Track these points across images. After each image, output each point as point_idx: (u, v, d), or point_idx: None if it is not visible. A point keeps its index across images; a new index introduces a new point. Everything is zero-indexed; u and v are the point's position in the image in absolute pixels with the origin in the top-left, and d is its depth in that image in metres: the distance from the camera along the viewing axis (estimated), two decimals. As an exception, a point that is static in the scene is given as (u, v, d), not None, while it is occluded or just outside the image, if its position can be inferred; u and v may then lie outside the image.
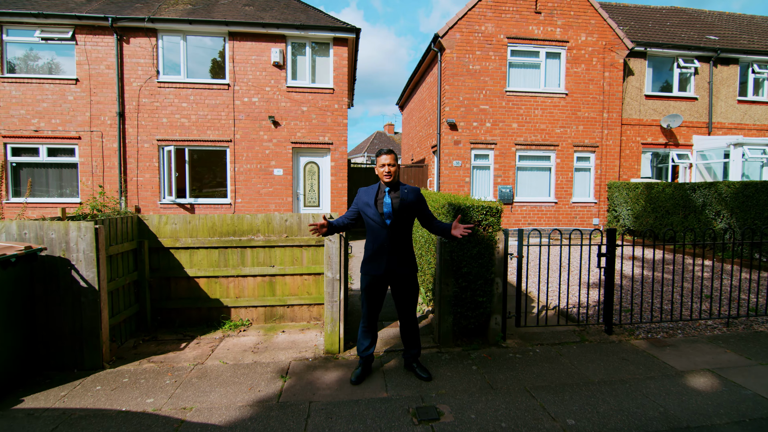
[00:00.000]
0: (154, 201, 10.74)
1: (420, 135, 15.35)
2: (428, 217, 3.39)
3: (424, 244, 5.15)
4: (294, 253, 4.86)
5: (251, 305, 4.84)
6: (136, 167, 10.66)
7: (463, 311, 4.01)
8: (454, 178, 11.48)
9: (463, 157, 11.50)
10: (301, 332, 4.60)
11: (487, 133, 11.57)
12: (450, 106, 11.37)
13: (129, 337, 4.47)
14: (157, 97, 10.62)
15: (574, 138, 11.97)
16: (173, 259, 4.74)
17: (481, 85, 11.47)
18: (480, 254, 3.97)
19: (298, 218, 4.84)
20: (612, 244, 4.29)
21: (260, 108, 10.87)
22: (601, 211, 12.21)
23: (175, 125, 10.68)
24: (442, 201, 4.37)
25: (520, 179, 11.91)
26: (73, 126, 10.49)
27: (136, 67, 10.55)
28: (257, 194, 10.96)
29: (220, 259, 4.79)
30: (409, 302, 3.43)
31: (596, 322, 4.66)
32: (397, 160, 3.34)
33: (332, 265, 3.86)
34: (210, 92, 10.74)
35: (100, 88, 10.49)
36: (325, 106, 11.06)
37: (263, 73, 10.82)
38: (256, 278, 4.85)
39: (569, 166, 11.99)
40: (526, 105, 11.70)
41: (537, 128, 11.79)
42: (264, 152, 10.94)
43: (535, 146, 11.79)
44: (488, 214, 3.97)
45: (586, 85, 11.95)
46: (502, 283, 4.09)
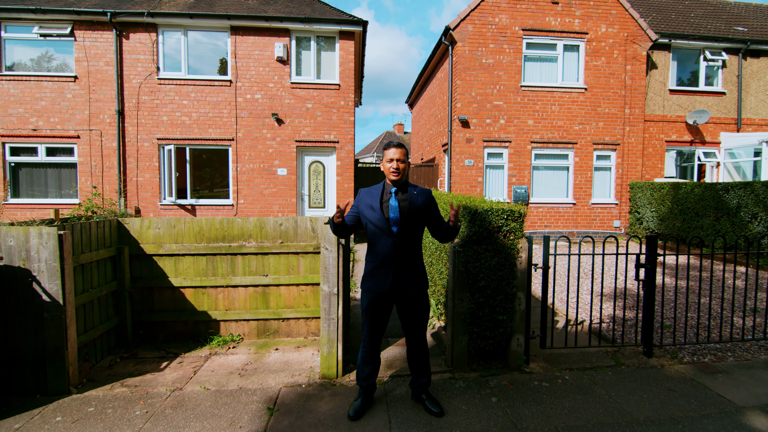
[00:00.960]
0: (154, 202, 10.38)
1: (430, 133, 14.80)
2: (438, 224, 2.89)
3: (435, 251, 4.62)
4: (290, 261, 4.38)
5: (242, 318, 4.37)
6: (135, 167, 10.31)
7: (480, 331, 3.48)
8: (466, 178, 10.91)
9: (475, 156, 10.92)
10: (296, 350, 4.10)
11: (501, 130, 10.98)
12: (462, 102, 10.81)
13: (106, 353, 4.02)
14: (157, 95, 10.25)
15: (593, 135, 11.30)
16: (157, 268, 4.29)
17: (494, 79, 10.88)
18: (500, 265, 3.43)
19: (294, 222, 4.35)
20: (653, 254, 3.72)
21: (263, 105, 10.44)
22: (623, 212, 11.52)
23: (176, 123, 10.31)
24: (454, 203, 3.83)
25: (535, 179, 11.29)
26: (71, 125, 10.18)
27: (136, 64, 10.20)
28: (260, 195, 10.53)
29: (208, 267, 4.32)
30: (419, 324, 2.92)
31: (633, 342, 4.08)
32: (407, 157, 2.83)
33: (329, 277, 3.36)
34: (211, 89, 10.34)
35: (99, 85, 10.16)
36: (331, 102, 10.58)
37: (266, 68, 10.39)
38: (248, 289, 4.37)
39: (588, 165, 11.33)
40: (542, 101, 11.08)
41: (554, 125, 11.16)
42: (267, 151, 10.51)
43: (552, 144, 11.16)
44: (509, 219, 3.43)
45: (606, 80, 11.28)
46: (525, 298, 3.55)
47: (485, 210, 3.40)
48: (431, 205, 2.85)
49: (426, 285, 2.89)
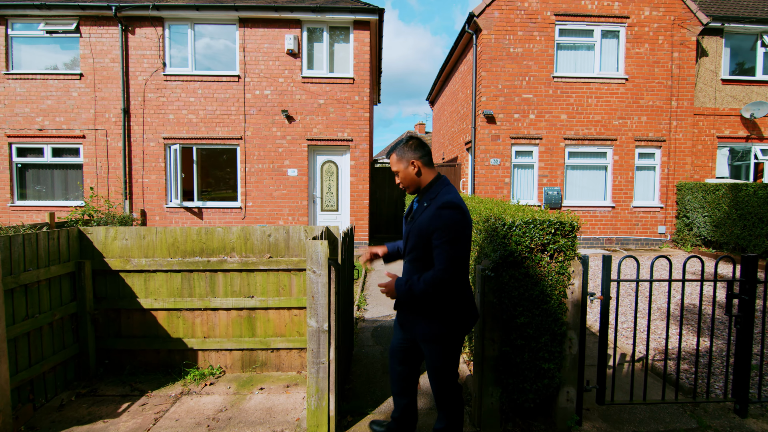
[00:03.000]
0: (160, 204, 9.89)
1: (452, 131, 13.88)
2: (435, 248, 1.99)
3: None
4: (280, 280, 3.62)
5: (224, 348, 3.64)
6: (141, 168, 9.85)
7: (518, 382, 2.62)
8: (491, 179, 9.97)
9: (502, 155, 9.96)
10: (284, 391, 3.34)
11: (530, 126, 9.98)
12: (487, 96, 9.88)
13: (62, 389, 3.36)
14: (163, 92, 9.76)
15: (635, 131, 10.15)
16: (124, 286, 3.61)
17: (523, 70, 9.90)
18: (544, 296, 2.56)
19: (285, 233, 3.59)
20: (751, 280, 2.77)
21: (273, 101, 9.80)
22: (669, 217, 10.31)
23: (182, 122, 9.79)
24: (483, 212, 2.98)
25: (569, 179, 10.23)
26: (77, 124, 9.81)
27: (142, 60, 9.74)
28: (269, 197, 9.89)
29: (183, 286, 3.62)
30: (430, 375, 2.13)
31: (721, 396, 3.13)
32: (406, 162, 2.17)
33: (317, 309, 2.57)
34: (219, 85, 9.77)
35: (105, 83, 9.75)
36: (345, 98, 9.84)
37: (276, 62, 9.74)
38: (230, 312, 3.64)
39: (629, 164, 10.18)
40: (577, 93, 10.02)
41: (590, 120, 10.07)
42: (277, 150, 9.86)
43: (588, 141, 10.08)
44: (558, 234, 2.56)
45: (650, 69, 10.11)
46: (577, 338, 2.67)
47: (525, 222, 2.55)
48: (433, 220, 1.97)
49: (439, 326, 2.08)
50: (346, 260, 3.37)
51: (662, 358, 3.74)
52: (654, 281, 2.79)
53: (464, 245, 1.96)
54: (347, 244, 3.49)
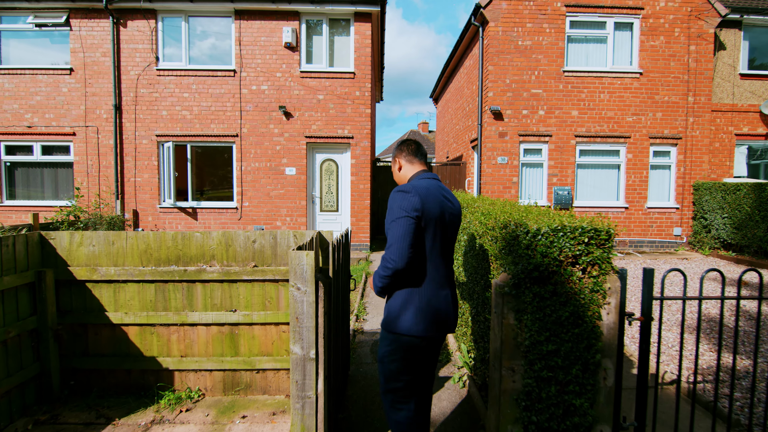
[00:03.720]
0: (153, 204, 9.51)
1: (456, 129, 13.43)
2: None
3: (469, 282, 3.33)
4: (266, 292, 3.21)
5: (203, 368, 3.23)
6: (133, 166, 9.47)
7: (543, 420, 2.19)
8: (498, 178, 9.52)
9: (510, 153, 9.51)
10: (269, 419, 2.92)
11: (540, 122, 9.52)
12: (494, 91, 9.42)
13: (19, 414, 2.96)
14: (156, 87, 9.37)
15: (649, 128, 9.67)
16: (91, 298, 3.21)
17: (532, 64, 9.44)
18: (575, 318, 2.13)
19: (272, 239, 3.18)
20: (821, 298, 2.32)
21: (270, 97, 9.39)
22: (685, 218, 9.83)
23: (176, 118, 9.40)
24: (500, 216, 2.55)
25: (580, 179, 9.76)
26: (67, 121, 9.44)
27: (134, 54, 9.35)
28: (266, 197, 9.48)
29: (157, 298, 3.21)
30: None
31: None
32: (394, 160, 2.27)
33: (302, 333, 2.15)
34: (214, 80, 9.37)
35: (96, 78, 9.37)
36: (345, 93, 9.41)
37: (273, 56, 9.33)
38: (210, 328, 3.23)
39: (644, 163, 9.71)
40: (589, 88, 9.55)
41: (603, 116, 9.60)
42: (274, 148, 9.45)
43: (600, 138, 9.61)
44: (592, 243, 2.13)
45: (665, 62, 9.63)
46: (614, 368, 2.23)
47: (553, 230, 2.11)
48: (388, 209, 1.99)
49: (387, 321, 2.04)
50: (340, 269, 2.96)
51: (710, 388, 3.29)
52: (703, 299, 2.35)
53: (402, 225, 1.88)
54: (341, 251, 3.07)
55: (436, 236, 1.95)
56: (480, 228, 2.80)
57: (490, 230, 2.58)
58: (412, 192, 1.91)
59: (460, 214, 2.14)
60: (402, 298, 1.97)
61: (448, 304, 2.04)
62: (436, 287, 1.99)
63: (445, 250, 2.03)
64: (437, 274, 1.99)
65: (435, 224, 1.93)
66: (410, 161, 2.17)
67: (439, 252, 1.98)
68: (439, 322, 1.98)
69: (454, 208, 2.08)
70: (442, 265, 2.02)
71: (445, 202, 2.02)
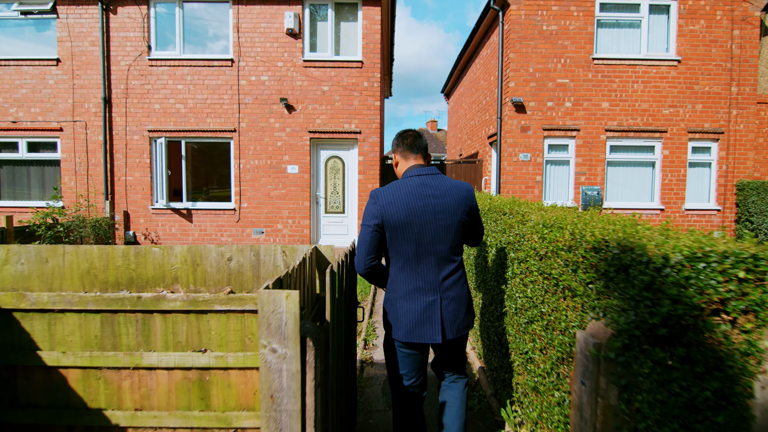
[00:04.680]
0: (145, 205, 8.82)
1: (471, 124, 12.58)
2: None
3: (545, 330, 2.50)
4: (246, 326, 2.43)
5: (164, 426, 2.46)
6: (124, 164, 8.78)
7: None
8: (520, 177, 8.67)
9: (533, 149, 8.65)
10: (247, 506, 2.14)
11: (566, 115, 8.65)
12: (516, 81, 8.57)
13: None
14: (148, 78, 8.67)
15: (688, 121, 8.75)
16: (21, 333, 2.46)
17: (558, 51, 8.56)
18: (720, 398, 1.31)
19: (255, 256, 2.40)
20: None
21: (271, 88, 8.63)
22: (727, 221, 8.89)
23: (169, 112, 8.69)
24: (582, 231, 1.73)
25: (611, 178, 8.87)
26: (54, 115, 8.78)
27: (125, 43, 8.66)
28: (266, 197, 8.74)
29: (104, 333, 2.45)
30: None
31: None
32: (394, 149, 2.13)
33: (280, 423, 1.36)
34: (210, 70, 8.64)
35: (84, 69, 8.69)
36: (352, 84, 8.63)
37: (274, 44, 8.58)
38: (173, 373, 2.46)
39: (681, 160, 8.79)
40: (621, 77, 8.65)
41: (636, 108, 8.70)
42: (275, 144, 8.70)
43: (633, 133, 8.71)
44: (748, 281, 1.30)
45: (706, 49, 8.69)
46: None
47: (689, 258, 1.30)
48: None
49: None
50: (344, 299, 2.17)
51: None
52: None
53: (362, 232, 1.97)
54: (346, 274, 2.29)
55: (411, 241, 1.90)
56: (542, 245, 1.99)
57: (564, 251, 1.77)
58: (375, 199, 1.93)
59: (457, 206, 1.93)
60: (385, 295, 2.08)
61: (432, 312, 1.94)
62: (414, 292, 1.95)
63: (432, 253, 1.92)
64: (416, 279, 1.94)
65: (405, 229, 1.88)
66: (405, 156, 2.07)
67: (420, 256, 1.92)
68: (414, 329, 1.94)
69: (440, 205, 1.91)
70: (426, 269, 1.93)
71: (428, 199, 1.90)
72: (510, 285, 2.46)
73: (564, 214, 2.17)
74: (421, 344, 1.98)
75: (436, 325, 1.92)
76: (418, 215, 1.87)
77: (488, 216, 2.99)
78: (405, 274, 1.95)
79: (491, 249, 2.86)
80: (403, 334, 1.95)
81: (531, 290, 2.15)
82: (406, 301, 1.94)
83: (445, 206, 1.91)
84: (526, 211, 2.44)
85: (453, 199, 1.92)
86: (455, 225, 1.92)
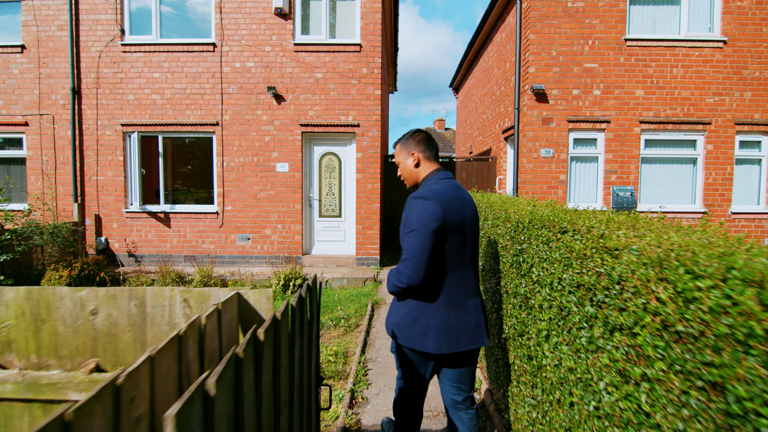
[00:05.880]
0: (118, 208, 7.88)
1: (483, 118, 11.50)
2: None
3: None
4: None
5: None
6: (95, 162, 7.86)
7: None
8: (541, 176, 7.58)
9: (556, 143, 7.57)
10: None
11: (594, 105, 7.55)
12: (536, 66, 7.49)
13: None
14: (121, 66, 7.74)
15: (735, 111, 7.60)
16: None
17: (585, 31, 7.47)
18: None
19: (136, 307, 1.42)
20: None
21: (257, 76, 7.65)
22: (781, 226, 7.72)
23: (145, 104, 7.75)
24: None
25: (645, 176, 7.75)
26: (19, 108, 7.89)
27: (95, 27, 7.74)
28: (253, 199, 7.76)
29: None
30: None
31: None
32: (407, 153, 2.04)
33: None
34: (190, 56, 7.69)
35: (51, 56, 7.79)
36: (349, 70, 7.62)
37: (261, 25, 7.60)
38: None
39: (727, 156, 7.64)
40: (657, 61, 7.53)
41: (675, 97, 7.58)
42: (262, 139, 7.72)
43: (672, 125, 7.58)
44: None
45: (756, 28, 7.54)
46: None
47: None
48: (404, 214, 1.87)
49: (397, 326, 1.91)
50: (294, 377, 1.16)
51: None
52: None
53: (421, 237, 1.73)
54: (301, 334, 1.27)
55: (461, 245, 1.84)
56: (686, 311, 0.94)
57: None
58: (433, 199, 1.77)
59: (477, 214, 1.96)
60: (415, 312, 1.84)
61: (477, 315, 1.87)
62: (459, 299, 1.84)
63: (471, 258, 1.90)
64: (462, 284, 1.85)
65: (458, 233, 1.81)
66: (428, 158, 1.99)
67: (464, 260, 1.86)
68: (458, 336, 1.81)
69: (472, 209, 1.92)
70: (469, 275, 1.89)
71: (464, 203, 1.87)
72: (594, 378, 1.39)
73: (703, 238, 1.12)
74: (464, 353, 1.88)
75: (481, 327, 1.87)
76: (466, 219, 1.85)
77: (530, 233, 1.94)
78: (447, 282, 1.82)
79: (540, 291, 1.81)
80: (449, 346, 1.80)
81: (653, 402, 1.09)
82: (449, 310, 1.81)
83: (474, 212, 1.92)
84: (611, 230, 1.38)
85: (474, 207, 1.93)
86: (478, 232, 1.95)
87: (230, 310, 1.33)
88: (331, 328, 4.72)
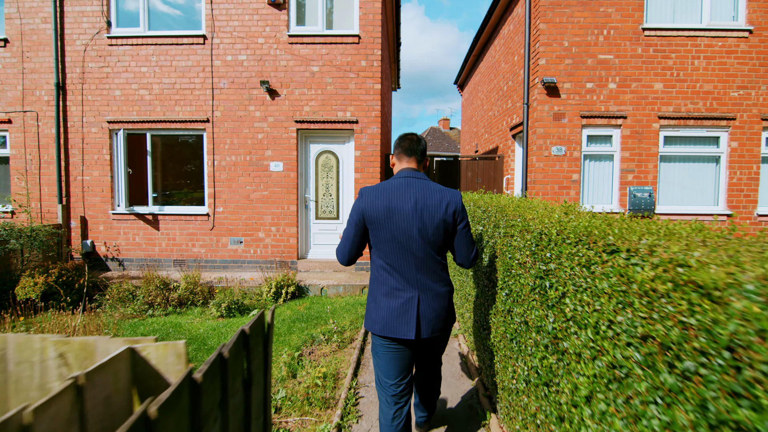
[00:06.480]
0: (105, 210, 7.50)
1: (489, 115, 11.01)
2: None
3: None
4: None
5: None
6: (81, 161, 7.48)
7: None
8: (552, 175, 7.09)
9: (568, 140, 7.08)
10: None
11: (610, 99, 7.05)
12: (547, 58, 7.00)
13: None
14: (107, 60, 7.35)
15: (762, 106, 7.07)
16: None
17: (600, 20, 6.98)
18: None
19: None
20: None
21: (250, 70, 7.23)
22: (811, 229, 7.17)
23: (132, 100, 7.36)
24: None
25: (663, 176, 7.24)
26: (1, 105, 7.53)
27: (81, 19, 7.36)
28: (245, 200, 7.34)
29: None
30: None
31: None
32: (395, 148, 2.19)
33: None
34: (179, 49, 7.28)
35: (35, 50, 7.42)
36: (347, 63, 7.17)
37: (254, 16, 7.17)
38: None
39: (753, 154, 7.11)
40: (677, 52, 7.02)
41: (697, 91, 7.06)
42: (255, 137, 7.29)
43: (693, 121, 7.06)
44: None
45: (785, 16, 7.00)
46: None
47: None
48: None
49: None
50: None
51: None
52: None
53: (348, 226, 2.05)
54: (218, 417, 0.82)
55: (387, 236, 1.93)
56: None
57: None
58: (360, 195, 2.00)
59: (437, 208, 1.93)
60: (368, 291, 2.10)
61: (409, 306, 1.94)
62: (394, 288, 1.96)
63: (402, 250, 1.93)
64: (395, 276, 1.96)
65: (384, 225, 1.92)
66: (399, 158, 2.13)
67: (392, 252, 1.94)
68: (390, 324, 1.95)
69: (420, 201, 1.93)
70: (405, 267, 1.94)
71: (409, 200, 1.92)
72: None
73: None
74: (398, 340, 1.98)
75: (411, 322, 1.93)
76: (397, 213, 1.91)
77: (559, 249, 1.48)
78: (385, 270, 1.98)
79: (577, 333, 1.35)
80: (380, 328, 1.97)
81: None
82: (386, 297, 1.97)
83: (425, 207, 1.93)
84: (683, 250, 0.92)
85: (434, 201, 1.94)
86: (434, 227, 1.92)
87: (124, 370, 0.89)
88: (322, 343, 4.27)
